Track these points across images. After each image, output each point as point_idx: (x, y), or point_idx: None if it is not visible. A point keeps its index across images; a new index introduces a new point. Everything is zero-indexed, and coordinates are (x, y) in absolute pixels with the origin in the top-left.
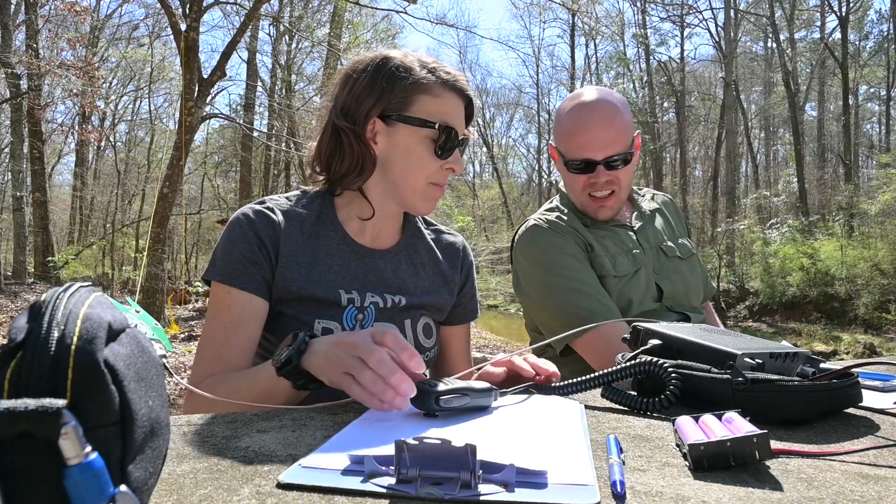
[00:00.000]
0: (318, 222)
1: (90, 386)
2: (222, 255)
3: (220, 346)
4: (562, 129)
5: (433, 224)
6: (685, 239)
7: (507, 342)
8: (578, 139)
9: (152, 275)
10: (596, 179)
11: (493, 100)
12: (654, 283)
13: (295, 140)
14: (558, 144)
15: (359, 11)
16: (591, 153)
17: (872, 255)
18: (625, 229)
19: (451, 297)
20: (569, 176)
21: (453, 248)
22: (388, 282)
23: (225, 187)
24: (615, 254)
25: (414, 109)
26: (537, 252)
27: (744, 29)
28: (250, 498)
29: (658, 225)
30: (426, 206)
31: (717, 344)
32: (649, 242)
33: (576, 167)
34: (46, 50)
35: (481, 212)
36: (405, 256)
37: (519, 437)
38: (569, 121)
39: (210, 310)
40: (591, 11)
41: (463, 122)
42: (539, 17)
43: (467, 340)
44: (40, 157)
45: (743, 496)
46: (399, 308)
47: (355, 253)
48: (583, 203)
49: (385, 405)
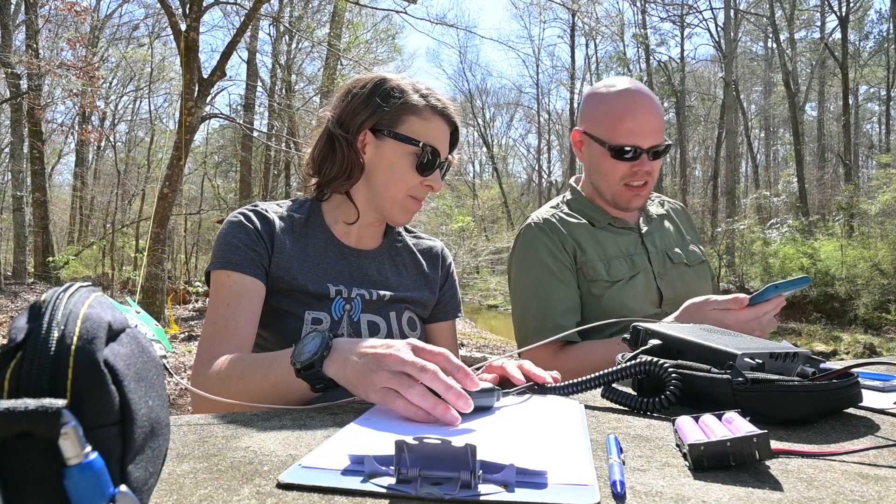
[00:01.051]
0: (308, 224)
1: (90, 386)
2: (222, 246)
3: (225, 319)
4: (606, 114)
5: (412, 231)
6: (696, 245)
7: (507, 342)
8: (626, 125)
9: (152, 275)
10: (639, 168)
11: (493, 100)
12: (656, 288)
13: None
14: (596, 130)
15: (359, 11)
16: (640, 140)
17: (872, 255)
18: (632, 232)
19: (432, 295)
20: (608, 163)
21: (432, 251)
22: (373, 279)
23: (225, 187)
24: (612, 258)
25: (403, 128)
26: (520, 250)
27: (744, 29)
28: (250, 498)
29: (667, 230)
30: (402, 217)
31: (717, 344)
32: (656, 246)
33: (621, 154)
34: (46, 50)
35: (481, 212)
36: (388, 257)
37: (519, 436)
38: (615, 106)
39: (211, 296)
40: (591, 11)
41: (447, 147)
42: (539, 17)
43: (454, 337)
44: (40, 157)
45: (743, 496)
46: (384, 301)
47: (342, 252)
48: (615, 192)
49: (431, 418)
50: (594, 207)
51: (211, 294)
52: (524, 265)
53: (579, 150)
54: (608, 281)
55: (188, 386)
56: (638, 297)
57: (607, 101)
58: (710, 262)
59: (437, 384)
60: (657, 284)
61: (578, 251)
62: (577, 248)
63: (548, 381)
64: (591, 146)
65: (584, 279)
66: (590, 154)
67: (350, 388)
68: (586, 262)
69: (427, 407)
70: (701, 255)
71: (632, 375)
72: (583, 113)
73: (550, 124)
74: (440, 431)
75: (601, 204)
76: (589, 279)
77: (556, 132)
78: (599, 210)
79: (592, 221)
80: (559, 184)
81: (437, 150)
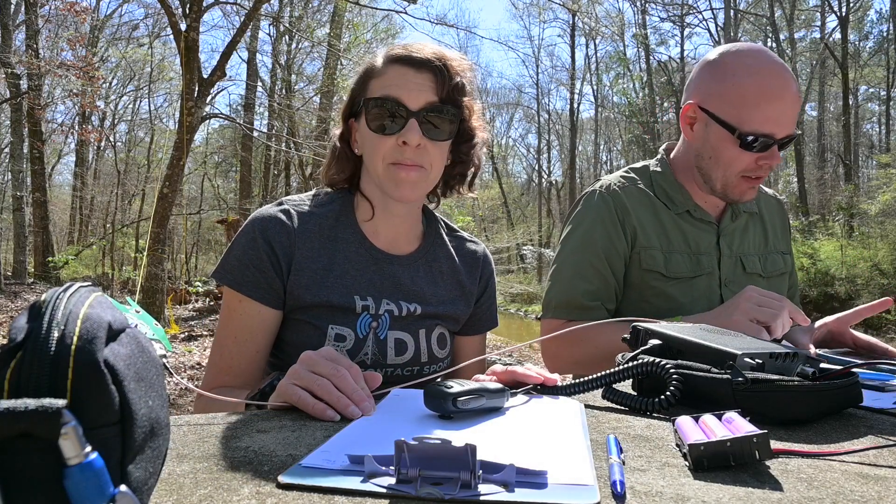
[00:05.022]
0: (337, 224)
1: (90, 386)
2: (235, 258)
3: (231, 356)
4: (740, 94)
5: (456, 231)
6: (780, 255)
7: (507, 342)
8: (767, 111)
9: (152, 275)
10: (767, 161)
11: (493, 100)
12: (720, 296)
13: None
14: (722, 111)
15: (359, 11)
16: (777, 128)
17: (872, 255)
18: (709, 227)
19: (467, 309)
20: (732, 151)
21: (474, 256)
22: (405, 289)
23: (225, 187)
24: (674, 251)
25: (366, 97)
26: (578, 214)
27: (744, 29)
28: (250, 498)
29: (750, 232)
30: (397, 191)
31: (717, 344)
32: (732, 249)
33: (751, 144)
34: (46, 50)
35: (481, 212)
36: (424, 264)
37: (519, 436)
38: (755, 85)
39: (222, 313)
40: (591, 11)
41: (420, 91)
42: (539, 17)
43: (482, 351)
44: (40, 157)
45: (743, 496)
46: (414, 317)
47: (373, 258)
48: (729, 183)
49: (329, 411)
50: (677, 187)
51: (222, 307)
52: (574, 231)
53: (688, 127)
54: (664, 276)
55: (188, 385)
56: (695, 302)
57: (743, 76)
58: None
59: (345, 385)
60: (721, 292)
61: (640, 235)
62: (637, 232)
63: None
64: (709, 127)
65: (639, 267)
66: (706, 136)
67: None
68: (645, 250)
69: (332, 401)
70: (782, 267)
71: (633, 376)
72: (703, 84)
73: (550, 124)
74: (440, 432)
75: (689, 186)
76: (644, 268)
77: (556, 132)
78: (683, 192)
79: (668, 204)
80: (559, 184)
81: (390, 99)
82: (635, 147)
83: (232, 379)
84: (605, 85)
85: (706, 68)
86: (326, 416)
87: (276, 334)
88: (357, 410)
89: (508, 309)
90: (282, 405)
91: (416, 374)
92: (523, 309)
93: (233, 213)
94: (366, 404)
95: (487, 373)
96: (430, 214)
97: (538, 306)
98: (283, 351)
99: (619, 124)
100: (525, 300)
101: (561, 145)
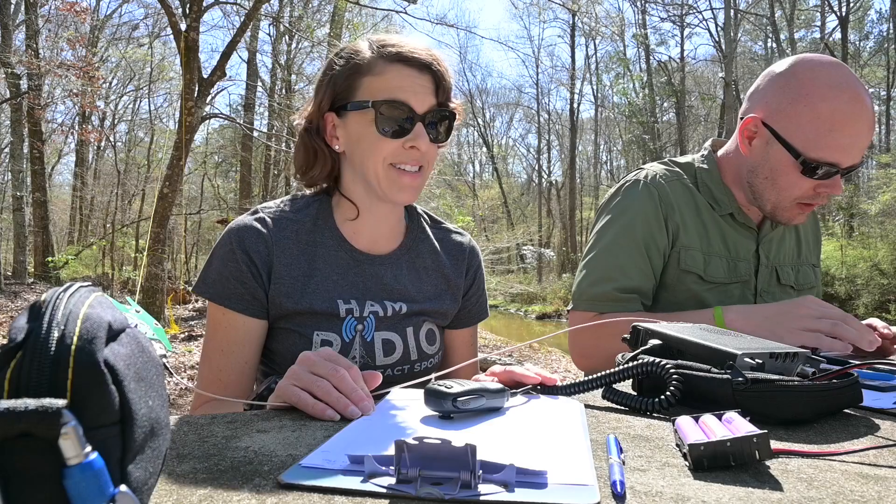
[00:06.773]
0: (315, 228)
1: (90, 386)
2: (215, 271)
3: (219, 369)
4: (812, 118)
5: (441, 223)
6: (812, 266)
7: (507, 342)
8: (838, 139)
9: (152, 275)
10: (828, 190)
11: (493, 100)
12: (753, 304)
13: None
14: (789, 132)
15: (359, 11)
16: (844, 158)
17: (872, 255)
18: (750, 234)
19: (454, 303)
20: (792, 176)
21: (459, 248)
22: (389, 288)
23: (225, 187)
24: (713, 254)
25: (358, 94)
26: (618, 203)
27: (744, 29)
28: (250, 498)
29: (786, 242)
30: (397, 194)
31: (717, 344)
32: (769, 258)
33: (817, 171)
34: (46, 50)
35: (481, 212)
36: (407, 261)
37: (519, 436)
38: (832, 111)
39: (208, 326)
40: (591, 11)
41: (425, 94)
42: (539, 17)
43: (474, 342)
44: (40, 157)
45: (743, 496)
46: (400, 316)
47: (354, 260)
48: (781, 206)
49: (329, 411)
50: (723, 189)
51: (208, 321)
52: (613, 221)
53: (746, 140)
54: (702, 279)
55: (188, 385)
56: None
57: (816, 99)
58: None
59: (344, 385)
60: (755, 301)
61: (682, 233)
62: (679, 229)
63: (552, 381)
64: (770, 146)
65: (677, 267)
66: (766, 154)
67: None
68: (685, 249)
69: (331, 401)
70: (812, 280)
71: (632, 376)
72: (771, 98)
73: (550, 124)
74: (440, 432)
75: (735, 190)
76: (683, 268)
77: (555, 132)
78: (728, 194)
79: (713, 204)
80: (559, 184)
81: (400, 102)
82: (635, 147)
83: (222, 391)
84: (605, 85)
85: (777, 81)
86: (326, 416)
87: (262, 344)
88: (357, 410)
89: (508, 309)
90: (281, 405)
91: (408, 372)
92: (523, 309)
93: (233, 213)
94: (365, 404)
95: (487, 373)
96: (410, 209)
97: (538, 306)
98: (272, 360)
99: (619, 124)
100: (525, 300)
101: (561, 145)
